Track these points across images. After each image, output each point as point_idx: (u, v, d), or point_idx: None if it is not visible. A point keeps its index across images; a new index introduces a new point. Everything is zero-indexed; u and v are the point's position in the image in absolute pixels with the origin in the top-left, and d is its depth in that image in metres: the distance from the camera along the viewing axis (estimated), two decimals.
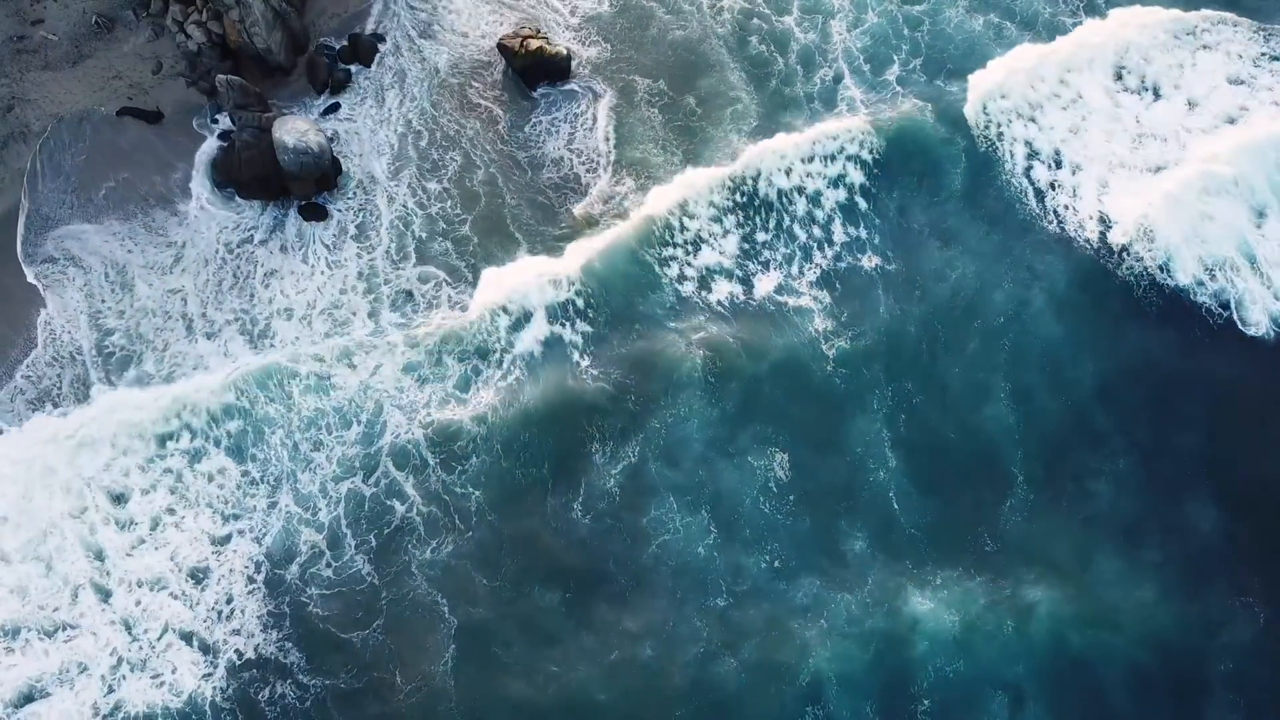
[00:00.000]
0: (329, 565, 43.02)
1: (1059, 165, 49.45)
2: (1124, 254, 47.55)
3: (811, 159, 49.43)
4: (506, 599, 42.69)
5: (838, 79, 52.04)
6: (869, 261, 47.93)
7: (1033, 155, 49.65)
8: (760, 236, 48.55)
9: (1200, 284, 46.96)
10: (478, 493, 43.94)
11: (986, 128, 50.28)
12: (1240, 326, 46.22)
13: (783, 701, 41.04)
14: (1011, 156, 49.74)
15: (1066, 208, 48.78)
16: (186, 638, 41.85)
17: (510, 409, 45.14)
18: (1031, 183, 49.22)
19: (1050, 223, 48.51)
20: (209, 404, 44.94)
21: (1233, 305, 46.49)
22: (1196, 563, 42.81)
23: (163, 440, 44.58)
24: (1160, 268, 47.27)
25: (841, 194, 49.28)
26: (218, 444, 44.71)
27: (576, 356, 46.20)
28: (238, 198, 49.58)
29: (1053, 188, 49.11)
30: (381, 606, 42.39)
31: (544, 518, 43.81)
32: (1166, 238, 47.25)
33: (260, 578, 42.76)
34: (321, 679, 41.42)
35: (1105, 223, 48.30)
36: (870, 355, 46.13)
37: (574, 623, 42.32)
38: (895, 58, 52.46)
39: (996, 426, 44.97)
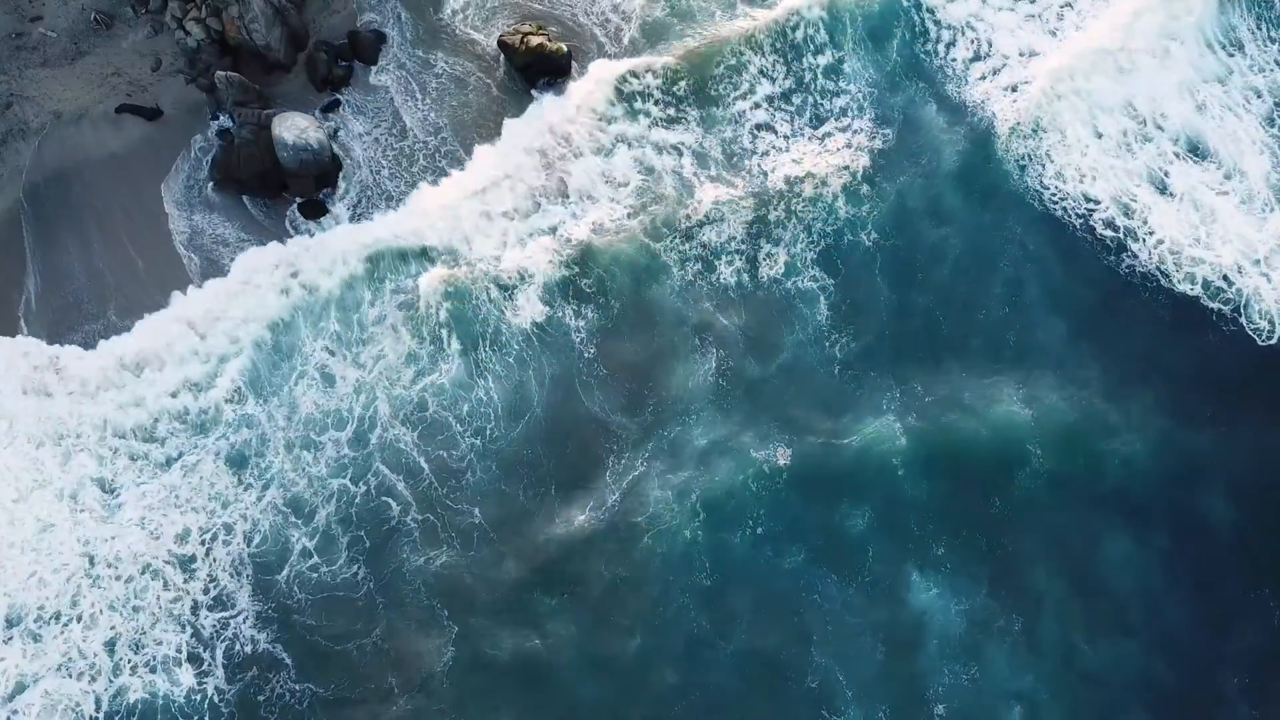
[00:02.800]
0: (322, 567, 43.08)
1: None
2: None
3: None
4: (502, 603, 42.83)
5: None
6: (867, 237, 48.12)
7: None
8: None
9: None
10: (476, 509, 44.05)
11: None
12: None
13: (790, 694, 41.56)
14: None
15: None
16: (181, 633, 42.19)
17: (509, 394, 45.54)
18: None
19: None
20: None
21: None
22: (1208, 558, 43.10)
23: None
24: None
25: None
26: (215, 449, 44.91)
27: (580, 347, 46.24)
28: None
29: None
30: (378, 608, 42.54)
31: (545, 521, 43.90)
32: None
33: (249, 574, 42.98)
34: (316, 680, 41.64)
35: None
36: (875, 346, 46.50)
37: (575, 627, 42.46)
38: None
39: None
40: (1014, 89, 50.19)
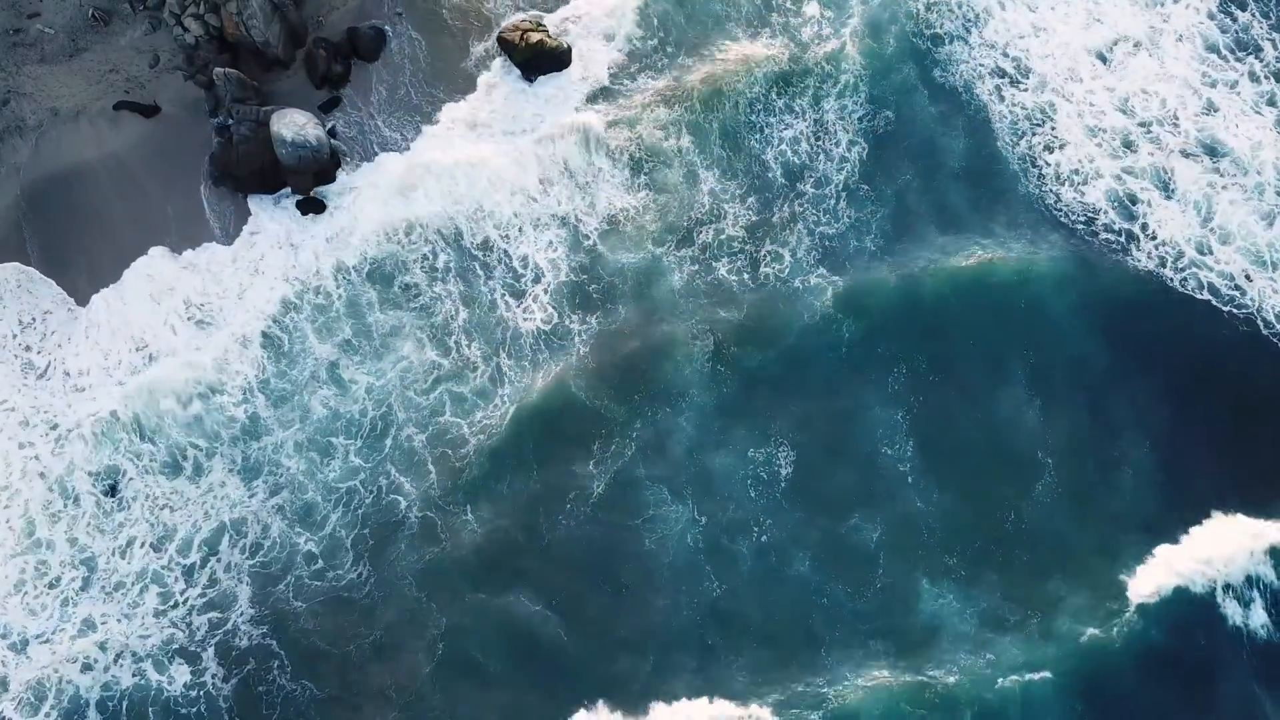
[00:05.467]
0: (324, 568, 43.23)
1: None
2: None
3: None
4: (499, 607, 42.98)
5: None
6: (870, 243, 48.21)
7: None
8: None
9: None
10: (477, 505, 44.23)
11: None
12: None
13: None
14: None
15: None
16: (177, 631, 42.45)
17: (520, 399, 45.67)
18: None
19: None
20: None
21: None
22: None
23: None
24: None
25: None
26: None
27: (581, 349, 46.34)
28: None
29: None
30: (375, 612, 42.63)
31: (548, 527, 44.06)
32: None
33: (249, 575, 43.11)
34: (311, 680, 41.91)
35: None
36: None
37: (578, 633, 42.69)
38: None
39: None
40: None
